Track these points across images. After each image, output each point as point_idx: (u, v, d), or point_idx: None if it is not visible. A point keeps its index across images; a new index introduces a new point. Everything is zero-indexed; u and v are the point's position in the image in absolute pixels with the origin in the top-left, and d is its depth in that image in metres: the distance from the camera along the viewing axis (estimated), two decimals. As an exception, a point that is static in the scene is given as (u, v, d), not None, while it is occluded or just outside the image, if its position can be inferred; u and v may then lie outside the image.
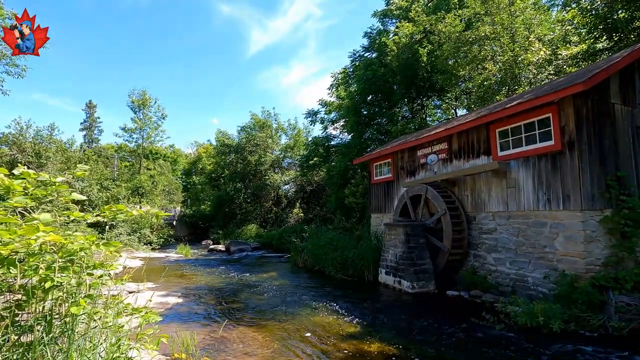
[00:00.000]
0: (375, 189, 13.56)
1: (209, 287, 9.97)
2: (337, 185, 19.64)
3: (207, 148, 49.28)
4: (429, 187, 9.69)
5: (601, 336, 5.59)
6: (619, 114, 7.21)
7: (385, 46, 18.52)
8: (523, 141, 7.70)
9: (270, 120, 33.08)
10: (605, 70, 6.47)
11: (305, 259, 13.10)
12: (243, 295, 8.89)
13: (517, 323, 5.89)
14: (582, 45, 13.40)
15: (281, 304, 8.00)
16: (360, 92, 19.14)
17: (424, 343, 5.49)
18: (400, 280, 9.15)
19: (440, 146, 10.15)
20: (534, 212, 7.40)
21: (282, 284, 10.28)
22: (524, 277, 7.54)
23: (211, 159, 41.10)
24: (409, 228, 9.32)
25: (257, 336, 5.86)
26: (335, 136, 23.86)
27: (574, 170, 6.68)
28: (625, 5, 12.06)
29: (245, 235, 26.86)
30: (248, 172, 32.27)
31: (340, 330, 6.16)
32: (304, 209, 29.73)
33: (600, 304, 6.04)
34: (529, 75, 12.63)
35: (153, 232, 25.03)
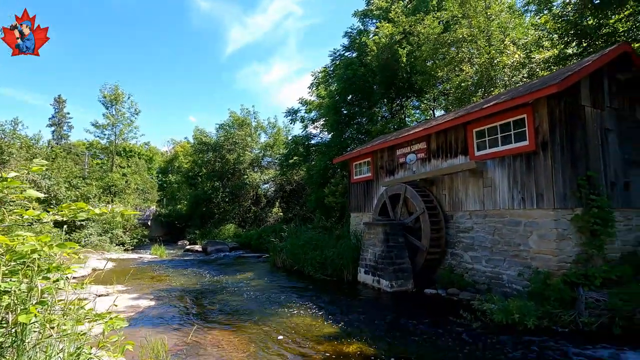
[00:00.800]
0: (355, 188, 13.54)
1: (184, 289, 9.63)
2: (317, 184, 19.55)
3: (184, 146, 48.06)
4: (408, 187, 9.73)
5: (572, 332, 5.74)
6: (589, 116, 7.45)
7: (366, 46, 18.57)
8: (499, 141, 7.84)
9: (250, 119, 32.62)
10: (576, 73, 6.66)
11: (284, 259, 12.92)
12: (219, 297, 8.63)
13: (494, 320, 5.97)
14: (554, 50, 13.86)
15: (258, 305, 7.81)
16: (340, 92, 19.12)
17: (402, 342, 5.46)
18: (379, 279, 9.14)
19: (419, 146, 10.22)
20: (509, 210, 7.54)
21: (260, 285, 10.07)
22: (499, 275, 7.67)
23: (188, 157, 40.10)
24: (388, 227, 9.33)
25: (233, 339, 5.66)
26: (315, 135, 23.79)
27: (547, 170, 6.85)
28: (594, 13, 12.56)
29: (223, 235, 26.34)
30: (226, 171, 31.67)
31: (319, 331, 6.05)
32: (283, 209, 29.47)
33: (572, 300, 6.20)
34: (504, 78, 12.95)
35: (126, 233, 24.09)
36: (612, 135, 7.79)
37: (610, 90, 7.88)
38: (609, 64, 7.71)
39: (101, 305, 4.48)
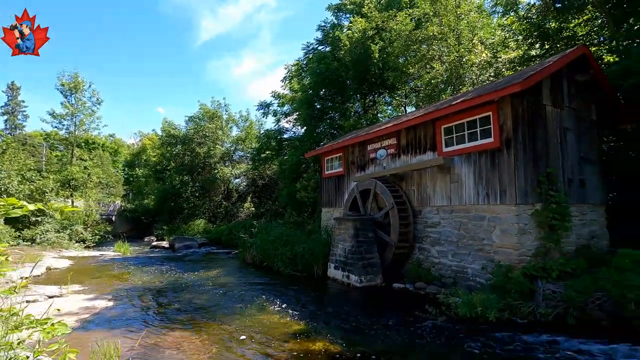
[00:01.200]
0: (327, 183, 13.48)
1: (146, 288, 9.21)
2: (290, 179, 19.36)
3: (152, 139, 46.20)
4: (378, 182, 9.77)
5: (530, 322, 5.95)
6: (550, 115, 7.73)
7: (339, 40, 18.47)
8: (466, 138, 7.99)
9: (221, 111, 31.73)
10: (539, 73, 6.87)
11: (254, 255, 12.69)
12: (184, 296, 8.31)
13: (458, 314, 6.09)
14: (519, 51, 14.36)
15: (225, 303, 7.58)
16: (313, 86, 18.95)
17: (369, 338, 5.44)
18: (349, 274, 9.14)
19: (389, 141, 10.26)
20: (474, 206, 7.72)
21: (228, 282, 9.81)
22: (464, 269, 7.86)
23: (156, 150, 38.56)
24: (358, 222, 9.33)
25: (195, 340, 5.43)
26: (288, 129, 23.52)
27: (510, 166, 7.04)
28: (556, 16, 13.09)
29: (192, 231, 25.59)
30: (196, 165, 30.74)
31: (286, 328, 5.94)
32: (255, 204, 29.04)
33: (531, 292, 6.44)
34: (472, 76, 13.27)
35: (87, 229, 22.88)
36: (570, 134, 8.14)
37: (569, 91, 8.22)
38: (569, 65, 8.03)
39: (54, 307, 4.13)
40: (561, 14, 12.90)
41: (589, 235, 8.29)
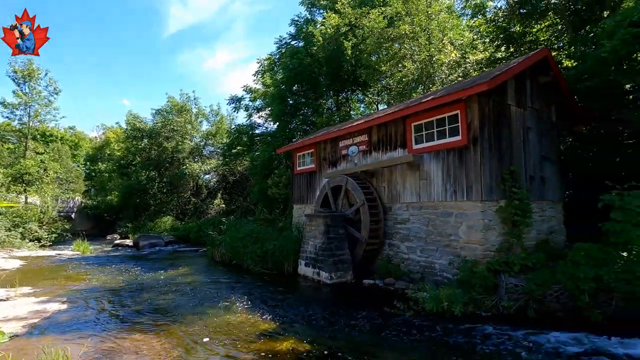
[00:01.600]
0: (298, 179, 13.34)
1: (105, 289, 8.70)
2: (261, 175, 19.05)
3: (116, 132, 44.01)
4: (350, 178, 9.75)
5: (494, 315, 6.14)
6: (514, 115, 8.00)
7: (312, 36, 18.31)
8: (435, 136, 8.11)
9: (190, 105, 30.73)
10: (504, 73, 7.07)
11: (223, 253, 12.36)
12: (145, 296, 7.91)
13: (425, 309, 6.17)
14: (486, 53, 14.84)
15: (189, 303, 7.29)
16: (285, 81, 18.70)
17: (337, 336, 5.39)
18: (319, 271, 9.08)
19: (361, 138, 10.27)
20: (442, 202, 7.86)
21: (194, 281, 9.47)
22: (432, 264, 8.00)
23: (120, 144, 36.78)
24: (329, 219, 9.28)
25: (155, 344, 5.15)
26: (260, 125, 23.10)
27: (476, 164, 7.21)
28: (520, 21, 13.62)
29: (158, 228, 24.67)
30: (164, 160, 29.61)
31: (253, 328, 5.77)
32: (226, 200, 28.40)
33: (494, 287, 6.64)
34: (442, 75, 13.56)
35: (42, 227, 21.43)
36: (532, 134, 8.47)
37: (531, 92, 8.54)
38: (532, 68, 8.33)
39: None
40: (525, 19, 13.44)
41: (548, 230, 8.69)
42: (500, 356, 4.60)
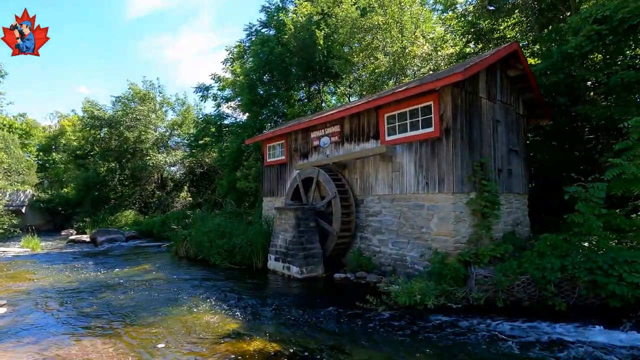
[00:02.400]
0: (268, 171, 12.93)
1: (54, 289, 7.94)
2: (230, 167, 18.41)
3: (72, 121, 41.09)
4: (321, 170, 9.49)
5: (464, 307, 6.14)
6: (485, 108, 8.05)
7: (284, 24, 17.78)
8: (408, 127, 8.00)
9: (154, 93, 29.13)
10: (478, 64, 7.04)
11: (188, 248, 11.76)
12: (100, 297, 7.28)
13: (398, 303, 6.05)
14: (456, 48, 15.04)
15: (149, 303, 6.77)
16: (256, 69, 18.06)
17: (308, 334, 5.15)
18: (290, 265, 8.80)
19: (333, 129, 10.02)
20: (415, 194, 7.80)
21: (155, 279, 8.89)
22: (404, 257, 7.95)
23: (77, 134, 34.33)
24: (300, 212, 8.99)
25: (108, 349, 4.66)
26: (229, 115, 22.29)
27: (448, 156, 7.18)
28: (489, 16, 13.87)
29: (119, 222, 23.33)
30: (125, 151, 27.94)
31: (218, 328, 5.40)
32: (193, 193, 27.35)
33: (465, 278, 6.66)
34: (414, 68, 13.56)
35: (-14, 222, 19.58)
36: (501, 127, 8.58)
37: (501, 85, 8.64)
38: (502, 61, 8.42)
39: None
40: (493, 15, 13.70)
41: (514, 222, 8.90)
42: (466, 347, 4.55)
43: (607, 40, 7.70)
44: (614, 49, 8.16)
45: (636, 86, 7.88)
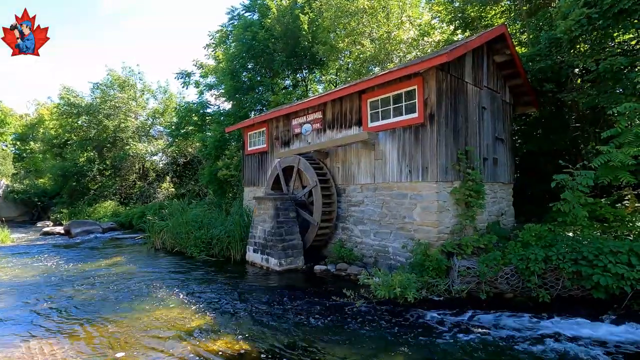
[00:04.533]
0: (249, 160, 12.46)
1: (14, 283, 7.41)
2: (213, 157, 17.81)
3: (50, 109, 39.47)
4: (302, 158, 9.10)
5: (446, 299, 5.91)
6: (471, 93, 7.74)
7: (268, 8, 17.10)
8: (391, 113, 7.65)
9: (134, 79, 28.06)
10: (463, 46, 6.71)
11: (165, 240, 11.28)
12: (66, 291, 6.80)
13: (377, 296, 5.77)
14: (443, 35, 14.67)
15: (116, 298, 6.33)
16: (239, 55, 17.38)
17: (281, 331, 4.82)
18: (269, 257, 8.44)
19: (314, 115, 9.60)
20: (397, 183, 7.49)
21: (128, 271, 8.42)
22: (386, 248, 7.67)
23: (54, 122, 32.95)
24: (279, 202, 8.61)
25: (57, 351, 4.23)
26: (212, 104, 21.54)
27: (432, 143, 6.86)
28: (476, 5, 13.52)
29: (98, 214, 22.52)
30: (105, 140, 26.94)
31: (185, 325, 5.03)
32: (176, 184, 26.59)
33: (447, 270, 6.42)
34: (400, 54, 13.17)
35: (-47, 214, 18.62)
36: (487, 114, 8.31)
37: (487, 71, 8.34)
38: (489, 45, 8.11)
39: None
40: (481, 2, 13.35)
41: (499, 212, 8.71)
42: (445, 343, 4.29)
43: (596, 24, 7.43)
44: (604, 34, 7.92)
45: (625, 73, 7.67)
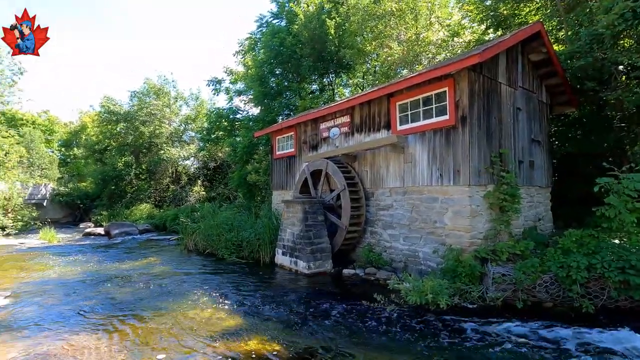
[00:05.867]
0: (278, 164, 12.65)
1: (60, 281, 7.91)
2: (242, 161, 18.24)
3: (92, 116, 41.97)
4: (330, 162, 9.13)
5: (480, 307, 5.71)
6: (504, 94, 7.48)
7: (295, 14, 17.36)
8: (421, 115, 7.53)
9: (168, 87, 29.29)
10: (497, 46, 6.51)
11: (197, 242, 11.65)
12: (104, 289, 7.18)
13: (408, 302, 5.67)
14: (474, 35, 14.28)
15: (151, 297, 6.61)
16: (267, 61, 17.75)
17: (311, 334, 4.84)
18: (297, 260, 8.51)
19: (342, 119, 9.61)
20: (428, 187, 7.35)
21: (163, 271, 8.77)
22: (416, 253, 7.53)
23: (96, 129, 35.00)
24: (308, 205, 8.67)
25: (100, 345, 4.48)
26: (241, 110, 22.10)
27: (464, 146, 6.69)
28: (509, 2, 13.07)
29: (135, 216, 23.62)
30: (141, 145, 28.28)
31: (218, 326, 5.17)
32: (206, 187, 27.43)
33: (481, 276, 6.21)
34: (429, 55, 12.94)
35: (7, 215, 20.15)
36: (522, 115, 8.00)
37: (522, 70, 8.04)
38: (524, 44, 7.81)
39: None
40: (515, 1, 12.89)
41: (535, 217, 8.33)
42: (482, 354, 4.14)
43: (642, 18, 6.97)
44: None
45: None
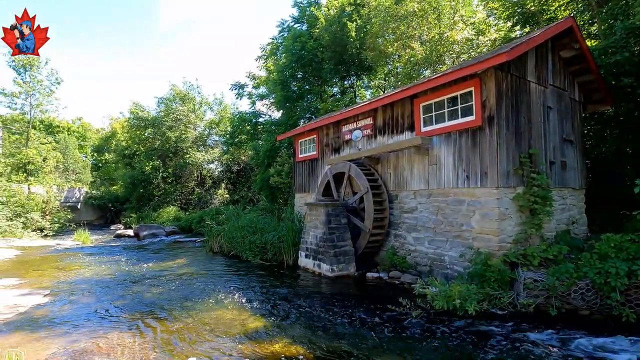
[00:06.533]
0: (300, 167, 12.73)
1: (94, 281, 8.26)
2: (264, 165, 18.50)
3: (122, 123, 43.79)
4: (353, 165, 9.10)
5: (510, 314, 5.51)
6: (534, 93, 7.23)
7: (316, 19, 17.48)
8: (446, 116, 7.38)
9: (193, 93, 30.13)
10: (525, 44, 6.30)
11: (222, 244, 11.88)
12: (134, 289, 7.45)
13: (434, 307, 5.55)
14: (500, 33, 13.88)
15: (179, 297, 6.79)
16: (288, 65, 17.94)
17: (335, 337, 4.83)
18: (320, 263, 8.52)
19: (365, 121, 9.57)
20: (454, 189, 7.18)
21: (189, 272, 8.99)
22: (441, 256, 7.37)
23: (125, 134, 36.52)
24: (331, 208, 8.67)
25: (133, 344, 4.64)
26: (263, 113, 22.44)
27: (492, 146, 6.50)
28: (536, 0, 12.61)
29: (162, 218, 24.38)
30: (167, 150, 29.21)
31: (244, 326, 5.24)
32: (230, 190, 27.98)
33: (511, 281, 6.00)
34: (453, 55, 12.69)
35: (45, 217, 21.29)
36: (553, 114, 7.69)
37: (553, 68, 7.74)
38: (554, 40, 7.53)
39: None
40: (543, -5, 12.43)
41: (569, 220, 7.97)
42: (521, 363, 3.99)
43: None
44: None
45: None
